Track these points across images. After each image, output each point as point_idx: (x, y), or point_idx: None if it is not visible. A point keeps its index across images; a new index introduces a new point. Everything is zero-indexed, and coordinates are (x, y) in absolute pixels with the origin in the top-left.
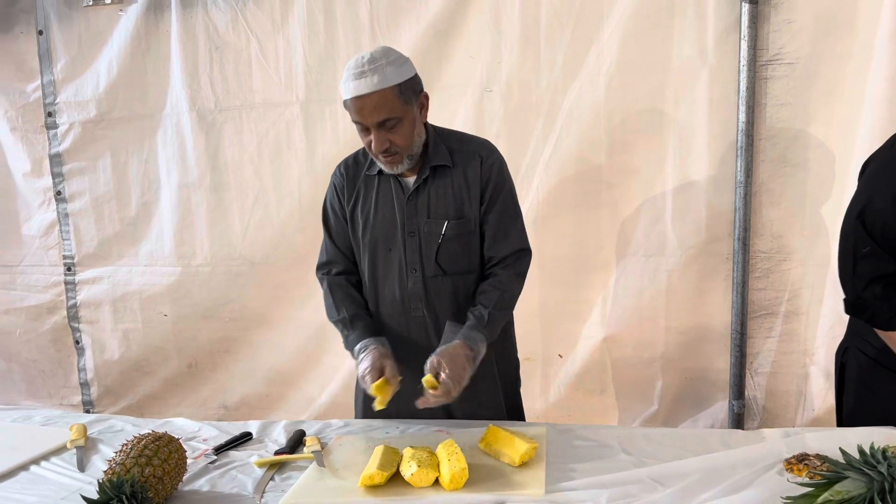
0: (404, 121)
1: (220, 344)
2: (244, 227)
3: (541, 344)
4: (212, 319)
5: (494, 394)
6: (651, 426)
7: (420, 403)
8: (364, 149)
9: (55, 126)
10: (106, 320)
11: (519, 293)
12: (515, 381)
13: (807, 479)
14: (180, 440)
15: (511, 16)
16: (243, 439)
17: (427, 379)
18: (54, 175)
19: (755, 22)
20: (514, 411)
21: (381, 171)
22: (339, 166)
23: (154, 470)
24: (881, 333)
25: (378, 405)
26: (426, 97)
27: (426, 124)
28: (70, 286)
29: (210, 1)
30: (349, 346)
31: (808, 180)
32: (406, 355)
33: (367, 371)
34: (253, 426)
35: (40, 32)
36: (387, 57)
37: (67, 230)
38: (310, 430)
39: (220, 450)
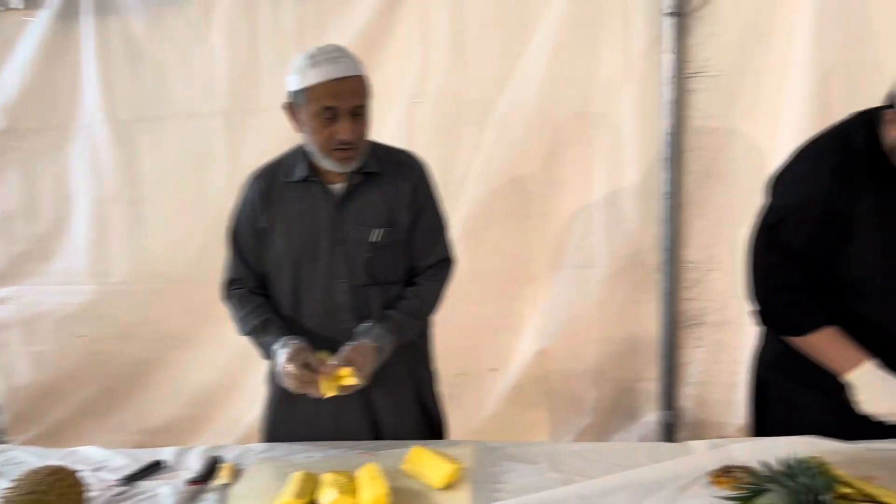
0: (368, 113)
1: (139, 366)
2: (164, 242)
3: (474, 358)
4: (130, 340)
5: (413, 407)
6: (585, 439)
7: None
8: (278, 159)
9: None
10: (15, 343)
11: (438, 303)
12: (435, 392)
13: (732, 493)
14: (86, 471)
15: (440, 25)
16: (155, 468)
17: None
18: None
19: (680, 35)
20: (436, 424)
21: (303, 179)
22: (251, 178)
23: None
24: (795, 341)
25: (330, 391)
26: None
27: None
28: None
29: (126, 8)
30: (265, 349)
31: (733, 191)
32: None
33: (288, 360)
34: (167, 453)
35: None
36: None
37: None
38: (229, 455)
39: (130, 480)
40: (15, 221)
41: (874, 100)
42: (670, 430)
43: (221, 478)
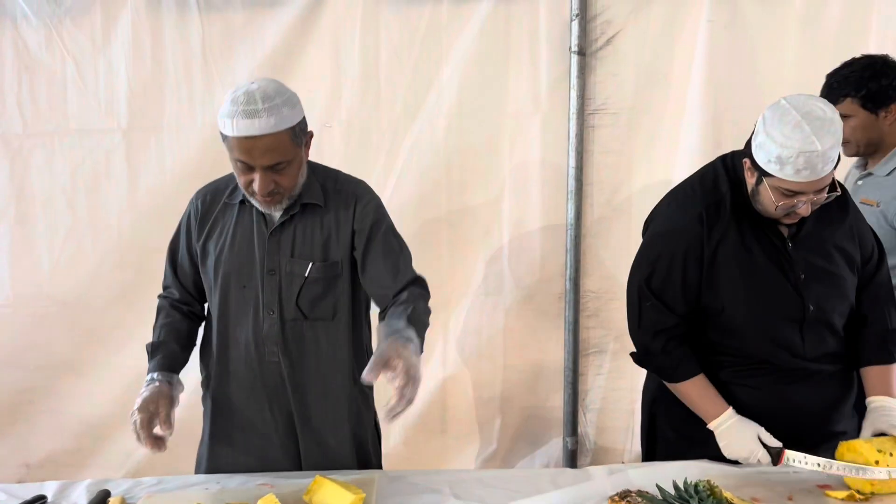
0: (293, 163)
1: (21, 395)
2: (53, 263)
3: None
4: (12, 367)
5: (346, 441)
6: (490, 465)
7: (388, 416)
8: (225, 178)
9: None
10: None
11: (428, 311)
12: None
13: None
14: None
15: (351, 52)
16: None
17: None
18: None
19: (583, 73)
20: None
21: (242, 201)
22: (196, 195)
23: None
24: (668, 385)
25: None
26: (311, 136)
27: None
28: None
29: (20, 16)
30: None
31: (631, 223)
32: (257, 401)
33: (137, 409)
34: (49, 488)
35: None
36: (281, 95)
37: None
38: (117, 489)
39: None
40: None
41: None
42: (573, 456)
43: None
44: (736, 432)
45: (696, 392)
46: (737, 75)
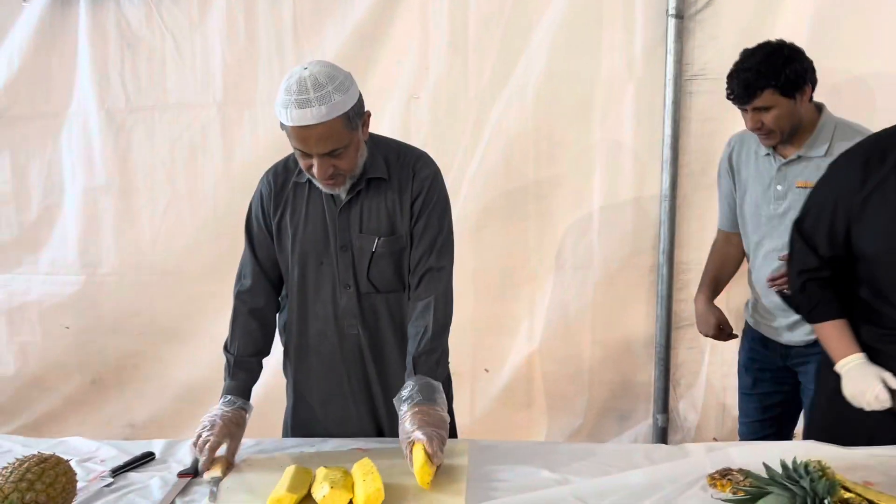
0: (350, 147)
1: (127, 359)
2: (155, 234)
3: (470, 358)
4: (118, 333)
5: None
6: (577, 440)
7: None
8: (293, 156)
9: None
10: (1, 333)
11: (448, 317)
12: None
13: (730, 495)
14: (73, 462)
15: (439, 21)
16: (145, 460)
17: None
18: None
19: (680, 37)
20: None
21: (310, 180)
22: (267, 173)
23: (37, 496)
24: (813, 328)
25: (210, 473)
26: (368, 115)
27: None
28: None
29: None
30: (224, 388)
31: None
32: (337, 374)
33: (205, 439)
34: (157, 445)
35: None
36: (332, 81)
37: None
38: (219, 449)
39: (119, 471)
40: (4, 209)
41: (869, 103)
42: (663, 434)
43: (213, 471)
44: (859, 371)
45: (832, 332)
46: (846, 38)
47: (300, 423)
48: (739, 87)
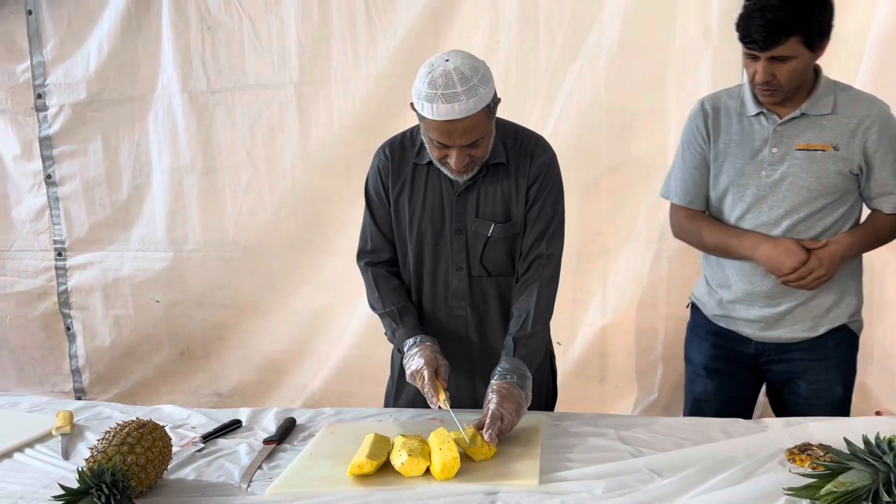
0: (487, 136)
1: (212, 331)
2: (237, 211)
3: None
4: (204, 306)
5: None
6: (651, 415)
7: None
8: (411, 132)
9: (45, 108)
10: (97, 306)
11: (550, 302)
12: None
13: (810, 470)
14: (167, 428)
15: None
16: (232, 427)
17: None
18: (44, 158)
19: None
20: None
21: (431, 161)
22: (383, 147)
23: (137, 458)
24: None
25: (444, 405)
26: (499, 102)
27: None
28: (61, 271)
29: None
30: (397, 340)
31: None
32: (448, 354)
33: (422, 368)
34: (243, 414)
35: (29, 12)
36: (476, 73)
37: (58, 214)
38: (301, 417)
39: (209, 437)
40: (97, 189)
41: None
42: None
43: (441, 399)
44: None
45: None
46: None
47: (402, 395)
48: (761, 30)
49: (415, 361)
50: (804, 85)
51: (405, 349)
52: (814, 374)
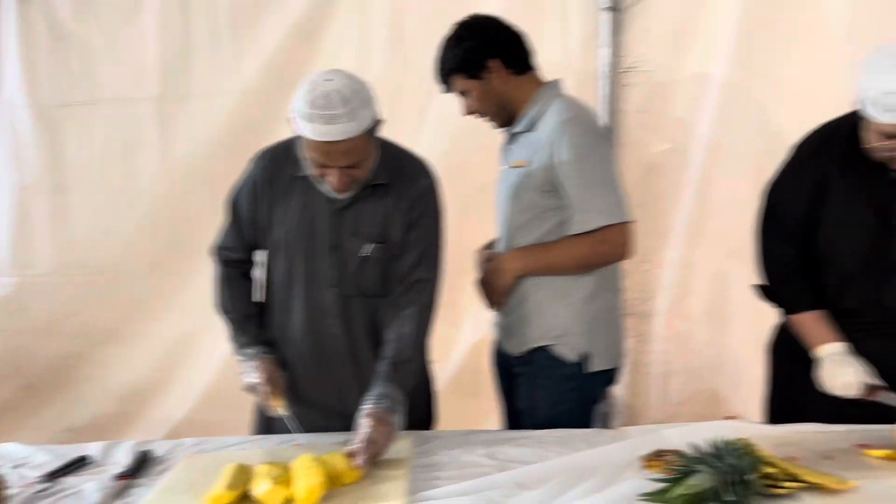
0: (369, 157)
1: (63, 361)
2: (91, 232)
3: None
4: (54, 335)
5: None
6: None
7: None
8: (288, 144)
9: None
10: None
11: (427, 328)
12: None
13: (662, 475)
14: (5, 468)
15: (378, 18)
16: (79, 464)
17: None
18: None
19: (615, 30)
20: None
21: (309, 174)
22: (262, 157)
23: None
24: (788, 319)
25: (283, 410)
26: (381, 123)
27: None
28: None
29: None
30: (237, 345)
31: (666, 183)
32: (311, 371)
33: (259, 379)
34: (95, 448)
35: None
36: (359, 95)
37: None
38: (159, 450)
39: (54, 476)
40: None
41: (783, 97)
42: (605, 419)
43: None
44: (840, 360)
45: (810, 322)
46: (776, 32)
47: (269, 417)
48: (436, 78)
49: (252, 373)
50: (516, 105)
51: (244, 359)
52: (523, 391)
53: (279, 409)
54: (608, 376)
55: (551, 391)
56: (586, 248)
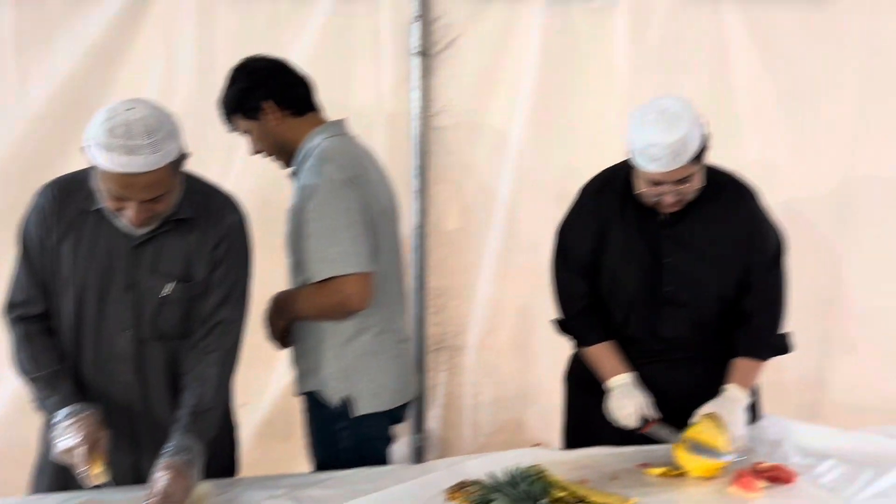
0: (172, 191)
1: None
2: None
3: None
4: None
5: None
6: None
7: None
8: (81, 175)
9: None
10: None
11: (230, 373)
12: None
13: None
14: None
15: (185, 43)
16: None
17: None
18: None
19: (425, 74)
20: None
21: (102, 208)
22: (51, 186)
23: None
24: (581, 352)
25: (102, 478)
26: (187, 156)
27: None
28: None
29: None
30: (48, 407)
31: (472, 223)
32: (108, 423)
33: (77, 444)
34: None
35: None
36: (164, 127)
37: None
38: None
39: None
40: None
41: (578, 143)
42: (420, 454)
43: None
44: (625, 391)
45: (600, 354)
46: (569, 81)
47: (53, 472)
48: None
49: (69, 437)
50: (289, 145)
51: (57, 420)
52: (307, 433)
53: (97, 477)
54: (391, 415)
55: (323, 434)
56: (321, 298)
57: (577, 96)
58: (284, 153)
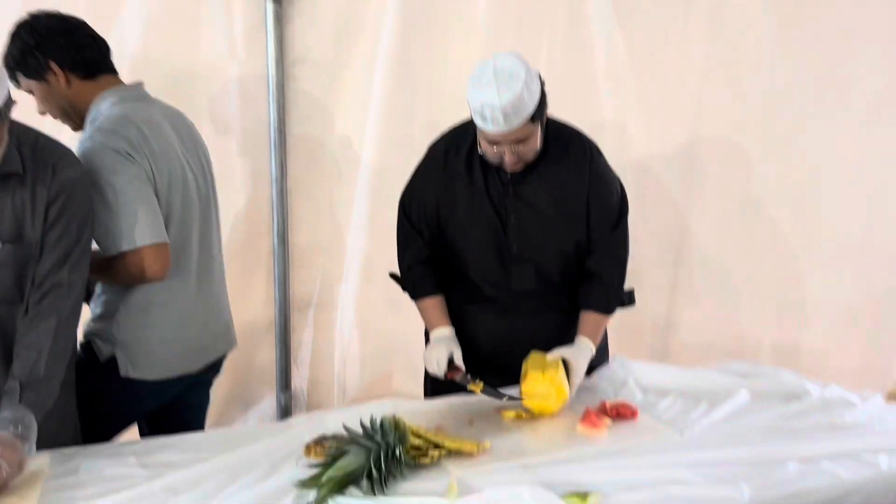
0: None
1: None
2: None
3: None
4: None
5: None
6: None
7: None
8: None
9: None
10: None
11: (70, 340)
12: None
13: (318, 461)
14: None
15: None
16: None
17: None
18: None
19: (280, 21)
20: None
21: None
22: None
23: None
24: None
25: None
26: (13, 104)
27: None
28: None
29: None
30: None
31: (333, 175)
32: None
33: None
34: None
35: None
36: None
37: None
38: None
39: None
40: None
41: (442, 96)
42: (287, 412)
43: None
44: (438, 343)
45: (428, 308)
46: (429, 36)
47: None
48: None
49: None
50: (77, 110)
51: None
52: None
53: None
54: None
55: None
56: (115, 271)
57: (437, 51)
58: (72, 117)
